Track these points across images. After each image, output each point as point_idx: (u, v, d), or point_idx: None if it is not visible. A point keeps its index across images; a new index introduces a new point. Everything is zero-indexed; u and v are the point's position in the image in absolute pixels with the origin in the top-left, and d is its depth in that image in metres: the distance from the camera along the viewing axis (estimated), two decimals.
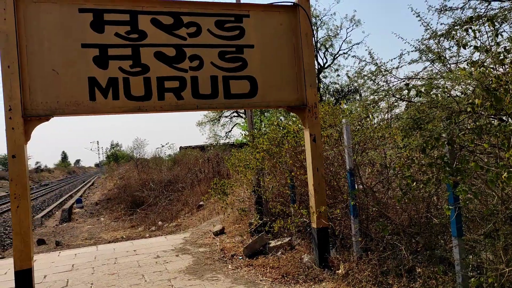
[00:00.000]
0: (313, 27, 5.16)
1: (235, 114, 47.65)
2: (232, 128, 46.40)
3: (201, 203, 15.19)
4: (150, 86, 4.75)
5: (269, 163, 6.55)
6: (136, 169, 22.80)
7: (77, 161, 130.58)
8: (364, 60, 4.99)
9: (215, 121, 44.56)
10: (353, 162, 5.11)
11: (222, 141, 45.38)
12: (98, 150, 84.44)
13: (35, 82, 4.38)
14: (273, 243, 6.21)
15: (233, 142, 36.07)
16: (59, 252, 8.09)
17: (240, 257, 6.23)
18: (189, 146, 37.26)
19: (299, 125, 6.02)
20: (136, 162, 22.92)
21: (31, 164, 71.61)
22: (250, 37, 5.14)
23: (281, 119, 8.30)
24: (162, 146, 27.89)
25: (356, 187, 5.12)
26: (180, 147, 37.63)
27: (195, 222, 12.61)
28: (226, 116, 45.63)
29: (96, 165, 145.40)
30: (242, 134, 43.66)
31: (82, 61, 4.56)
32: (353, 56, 5.09)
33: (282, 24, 5.28)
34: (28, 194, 4.33)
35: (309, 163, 5.23)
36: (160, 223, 15.29)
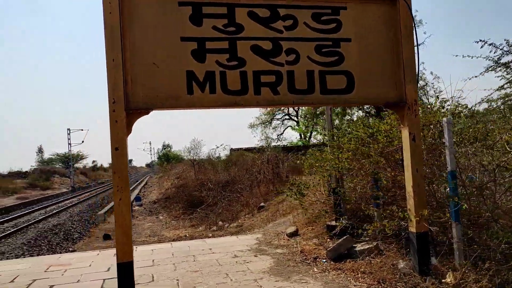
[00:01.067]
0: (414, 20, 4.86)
1: (286, 117, 47.57)
2: (284, 130, 46.30)
3: (262, 204, 15.10)
4: (246, 80, 4.64)
5: (355, 163, 6.28)
6: (193, 169, 23.11)
7: (129, 161, 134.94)
8: None
9: (267, 123, 44.67)
10: (455, 163, 4.76)
11: (273, 144, 45.33)
12: (151, 150, 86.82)
13: (136, 76, 4.38)
14: (358, 247, 5.94)
15: (288, 144, 35.90)
16: (136, 248, 8.18)
17: (324, 260, 5.99)
18: (240, 148, 37.39)
19: (393, 123, 5.71)
20: (192, 163, 23.20)
21: (88, 162, 74.90)
22: (347, 30, 4.92)
23: (369, 119, 7.99)
24: (217, 147, 28.25)
25: (458, 190, 4.76)
26: (231, 149, 37.87)
27: (258, 223, 12.50)
28: (278, 119, 45.64)
29: (147, 165, 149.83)
30: (298, 137, 43.40)
31: (181, 55, 4.52)
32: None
33: (380, 17, 5.02)
34: (128, 187, 4.33)
35: (408, 164, 4.92)
36: (220, 223, 15.34)
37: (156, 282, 5.59)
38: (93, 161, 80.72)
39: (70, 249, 12.98)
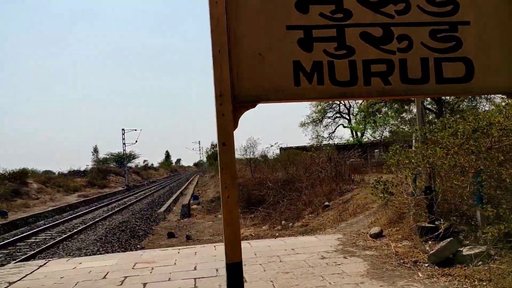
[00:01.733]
0: None
1: (338, 115, 46.73)
2: (335, 129, 45.52)
3: (327, 203, 14.70)
4: (356, 70, 4.30)
5: (459, 159, 5.79)
6: (249, 168, 23.01)
7: (178, 160, 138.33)
8: None
9: (318, 122, 44.07)
10: None
11: (324, 142, 44.67)
12: (200, 150, 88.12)
13: (241, 67, 4.16)
14: (465, 251, 5.46)
15: (342, 142, 35.19)
16: (214, 246, 8.08)
17: (426, 265, 5.57)
18: (290, 147, 37.03)
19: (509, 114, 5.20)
20: (249, 161, 23.11)
21: (140, 162, 77.13)
22: (465, 12, 4.46)
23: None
24: (271, 145, 27.99)
25: None
26: (281, 148, 37.57)
27: (327, 223, 12.14)
28: (329, 117, 44.92)
29: (195, 164, 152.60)
30: (350, 135, 42.49)
31: (287, 44, 4.25)
32: None
33: None
34: (236, 184, 4.13)
35: None
36: (283, 222, 15.08)
37: (250, 284, 5.40)
38: (144, 161, 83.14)
39: (138, 246, 13.17)
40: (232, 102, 4.10)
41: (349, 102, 45.23)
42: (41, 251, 11.60)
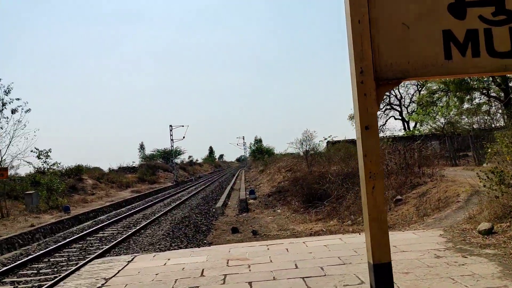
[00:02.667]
0: None
1: (388, 106, 45.25)
2: (386, 121, 44.13)
3: (399, 197, 13.92)
4: None
5: None
6: (306, 161, 22.45)
7: (221, 156, 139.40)
8: None
9: None
10: None
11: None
12: (244, 145, 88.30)
13: (383, 39, 3.62)
14: None
15: (403, 134, 33.91)
16: (305, 243, 7.61)
17: None
18: (337, 141, 36.04)
19: None
20: (305, 155, 22.53)
21: (185, 158, 78.13)
22: None
23: None
24: (325, 138, 27.26)
25: None
26: (328, 142, 36.63)
27: (404, 218, 11.42)
28: (379, 109, 43.50)
29: (237, 159, 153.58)
30: (405, 127, 41.04)
31: (435, 12, 3.67)
32: None
33: None
34: (382, 172, 3.61)
35: None
36: (352, 217, 14.46)
37: (367, 286, 4.86)
38: (189, 157, 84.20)
39: (205, 241, 12.93)
40: (375, 79, 3.59)
41: (400, 93, 43.65)
42: (114, 246, 11.57)
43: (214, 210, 20.41)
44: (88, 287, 5.62)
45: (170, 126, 49.48)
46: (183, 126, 50.29)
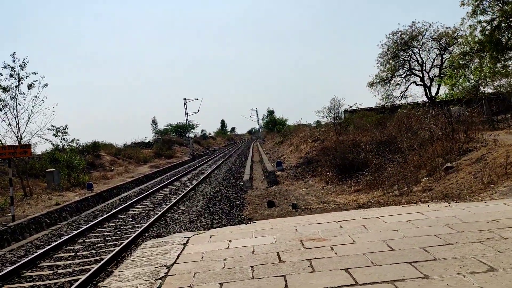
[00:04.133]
0: None
1: (409, 72, 43.63)
2: (407, 87, 42.65)
3: (449, 164, 12.92)
4: None
5: None
6: (334, 130, 21.42)
7: (233, 129, 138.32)
8: None
9: (386, 81, 41.54)
10: None
11: (397, 102, 42.05)
12: (257, 117, 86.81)
13: None
14: None
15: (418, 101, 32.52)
16: (379, 217, 6.72)
17: None
18: (355, 109, 34.81)
19: None
20: (334, 124, 21.49)
21: (198, 132, 77.33)
22: None
23: None
24: (350, 106, 26.11)
25: None
26: (345, 110, 35.41)
27: (461, 187, 10.45)
28: (400, 75, 42.23)
29: (249, 132, 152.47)
30: (427, 93, 39.57)
31: None
32: None
33: None
34: None
35: None
36: (395, 187, 13.54)
37: (503, 272, 3.96)
38: (202, 130, 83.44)
39: (242, 216, 12.14)
40: None
41: (421, 57, 42.03)
42: (150, 224, 10.82)
43: (241, 183, 19.64)
44: (150, 277, 4.81)
45: (184, 99, 48.40)
46: (197, 99, 49.14)
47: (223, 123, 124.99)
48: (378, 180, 14.63)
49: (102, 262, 7.48)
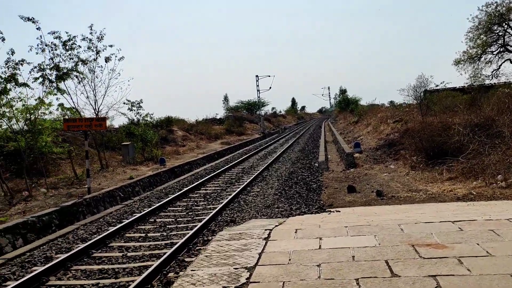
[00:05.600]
0: None
1: (502, 48, 39.24)
2: (500, 65, 38.43)
3: None
4: None
5: None
6: (420, 110, 19.42)
7: (303, 108, 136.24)
8: None
9: (475, 58, 37.60)
10: None
11: (488, 82, 38.14)
12: (329, 95, 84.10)
13: None
14: None
15: None
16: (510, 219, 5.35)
17: None
18: (437, 89, 31.72)
19: None
20: (420, 103, 19.47)
21: (269, 109, 76.63)
22: None
23: None
24: (436, 86, 23.67)
25: None
26: (425, 90, 32.43)
27: None
28: (491, 52, 38.07)
29: (319, 111, 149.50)
30: None
31: None
32: None
33: None
34: None
35: None
36: (499, 177, 11.70)
37: None
38: (272, 108, 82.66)
39: (321, 202, 11.05)
40: None
41: None
42: (224, 207, 10.12)
43: (316, 165, 18.51)
44: (228, 283, 3.94)
45: (256, 76, 47.68)
46: (269, 76, 48.29)
47: (293, 101, 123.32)
48: (477, 168, 12.80)
49: (173, 248, 6.83)
